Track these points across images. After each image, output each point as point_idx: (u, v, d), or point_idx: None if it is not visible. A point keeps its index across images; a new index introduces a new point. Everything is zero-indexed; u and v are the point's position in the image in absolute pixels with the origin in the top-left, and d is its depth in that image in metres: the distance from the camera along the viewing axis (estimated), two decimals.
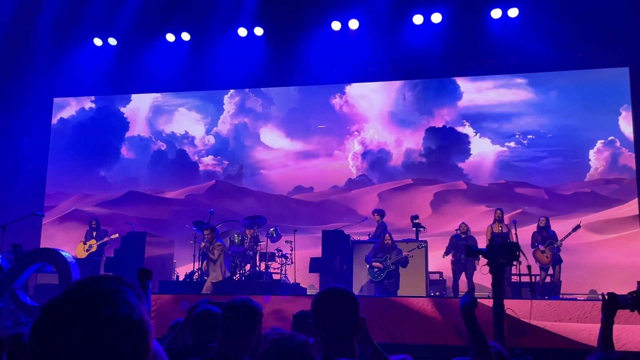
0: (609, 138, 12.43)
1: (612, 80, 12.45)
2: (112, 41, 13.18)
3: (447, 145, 13.39)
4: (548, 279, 10.37)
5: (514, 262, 8.15)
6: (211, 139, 14.56)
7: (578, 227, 10.34)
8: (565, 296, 10.24)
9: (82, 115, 15.15)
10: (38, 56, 12.97)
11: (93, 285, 1.13)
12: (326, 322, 2.37)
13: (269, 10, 12.25)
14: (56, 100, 15.11)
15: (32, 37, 12.54)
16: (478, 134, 13.21)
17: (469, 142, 13.23)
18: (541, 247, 10.36)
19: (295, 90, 14.31)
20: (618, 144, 12.36)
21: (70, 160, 14.84)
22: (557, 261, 10.32)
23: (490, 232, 10.58)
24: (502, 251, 3.24)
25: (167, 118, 14.83)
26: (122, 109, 15.03)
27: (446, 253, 10.77)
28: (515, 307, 7.45)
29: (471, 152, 13.20)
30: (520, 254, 8.50)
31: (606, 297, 3.34)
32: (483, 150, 13.12)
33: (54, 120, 15.06)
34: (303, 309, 5.40)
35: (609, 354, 2.90)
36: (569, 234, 10.30)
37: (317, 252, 11.25)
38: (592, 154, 12.50)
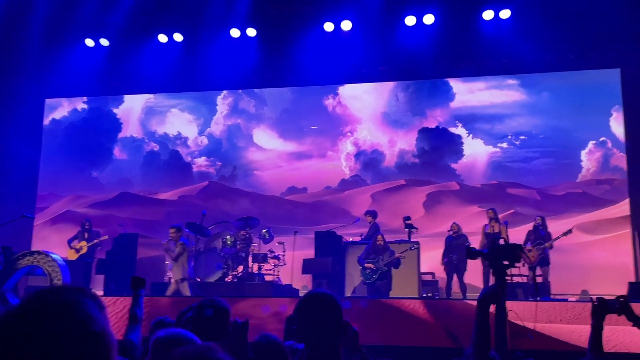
0: (601, 139, 12.48)
1: (603, 82, 12.50)
2: (104, 42, 13.13)
3: (440, 146, 13.41)
4: (539, 279, 10.39)
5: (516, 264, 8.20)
6: (204, 140, 14.54)
7: (569, 231, 10.32)
8: (556, 297, 10.28)
9: (74, 116, 15.10)
10: (29, 57, 12.91)
11: (51, 297, 1.11)
12: (308, 327, 2.37)
13: (262, 11, 12.24)
14: (48, 101, 15.05)
15: (23, 37, 12.48)
16: (470, 135, 13.24)
17: (461, 143, 13.25)
18: (528, 246, 10.39)
19: (289, 91, 14.30)
20: (609, 144, 12.42)
21: (62, 161, 14.78)
22: (543, 261, 10.31)
23: (484, 232, 10.60)
24: (505, 252, 3.21)
25: (159, 119, 14.80)
26: (115, 110, 14.99)
27: (444, 255, 10.73)
28: (514, 309, 7.46)
29: (464, 153, 13.22)
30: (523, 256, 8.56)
31: (595, 302, 3.36)
32: (475, 151, 13.15)
33: (46, 121, 15.00)
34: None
35: (599, 357, 2.93)
36: (559, 237, 10.30)
37: (310, 253, 11.25)
38: (583, 154, 12.55)
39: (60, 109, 15.13)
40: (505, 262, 3.05)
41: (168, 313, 8.09)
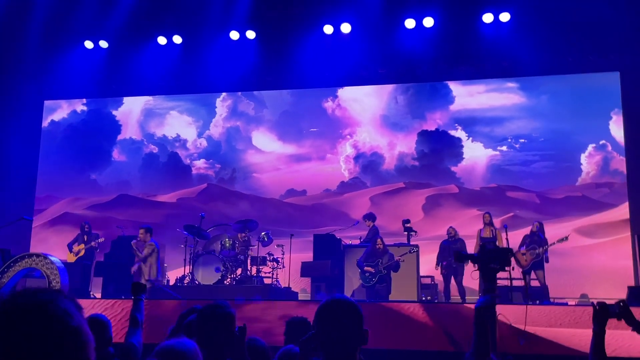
0: (601, 142, 12.46)
1: (602, 85, 12.50)
2: (103, 44, 13.12)
3: (440, 149, 13.40)
4: (537, 283, 10.37)
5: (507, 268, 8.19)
6: (203, 142, 14.52)
7: (565, 238, 10.27)
8: (556, 300, 10.25)
9: (73, 118, 15.08)
10: (28, 58, 12.90)
11: (28, 296, 1.14)
12: (330, 333, 2.29)
13: (261, 14, 12.24)
14: (48, 102, 15.03)
15: (22, 39, 12.47)
16: (470, 138, 13.23)
17: (461, 146, 13.24)
18: (522, 250, 10.36)
19: (288, 94, 14.29)
20: (609, 148, 12.41)
21: (61, 163, 14.75)
22: (537, 265, 10.27)
23: (479, 236, 10.58)
24: (494, 256, 3.20)
25: (158, 121, 14.78)
26: (114, 112, 14.96)
27: (438, 262, 10.68)
28: (507, 312, 7.44)
29: (464, 156, 13.21)
30: (513, 260, 8.54)
31: (597, 306, 3.32)
32: (475, 154, 13.14)
33: (45, 123, 14.98)
34: (296, 315, 5.39)
35: None
36: (554, 243, 10.26)
37: (309, 256, 11.23)
38: (583, 158, 12.54)
39: (60, 111, 15.11)
40: (495, 266, 3.04)
41: (168, 315, 8.06)
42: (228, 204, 13.92)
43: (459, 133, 13.29)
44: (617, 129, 12.36)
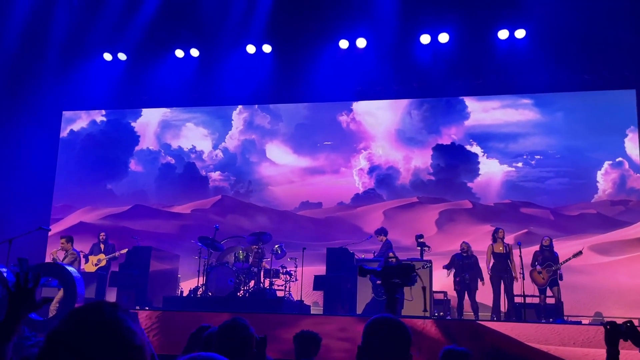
0: (617, 159, 12.41)
1: (618, 102, 12.46)
2: (122, 56, 13.32)
3: (456, 164, 13.40)
4: (551, 300, 10.31)
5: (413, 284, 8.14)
6: (219, 154, 14.64)
7: (580, 253, 10.27)
8: (569, 318, 10.18)
9: (92, 128, 15.28)
10: (48, 70, 13.11)
11: (94, 313, 1.18)
12: (378, 352, 2.28)
13: (278, 28, 12.36)
14: (67, 113, 15.25)
15: (42, 50, 12.69)
16: (485, 154, 13.23)
17: (478, 162, 13.23)
18: (538, 268, 10.32)
19: (304, 107, 14.38)
20: (627, 165, 12.34)
21: (78, 173, 14.94)
22: (553, 282, 10.24)
23: (491, 251, 10.55)
24: (397, 272, 3.27)
25: (175, 133, 14.94)
26: (133, 123, 15.14)
27: (446, 267, 10.78)
28: (525, 332, 7.42)
29: (480, 172, 13.20)
30: (418, 277, 8.48)
31: (607, 326, 3.31)
32: (491, 170, 13.13)
33: (65, 133, 15.19)
34: (303, 329, 5.43)
35: None
36: (569, 259, 10.24)
37: (322, 269, 11.25)
38: (599, 175, 12.48)
39: (79, 121, 15.32)
40: (397, 281, 3.11)
41: (180, 327, 8.11)
42: (242, 216, 14.00)
43: (474, 148, 13.30)
44: (632, 146, 12.30)
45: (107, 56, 13.35)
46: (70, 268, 8.35)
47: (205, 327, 4.01)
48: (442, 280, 11.02)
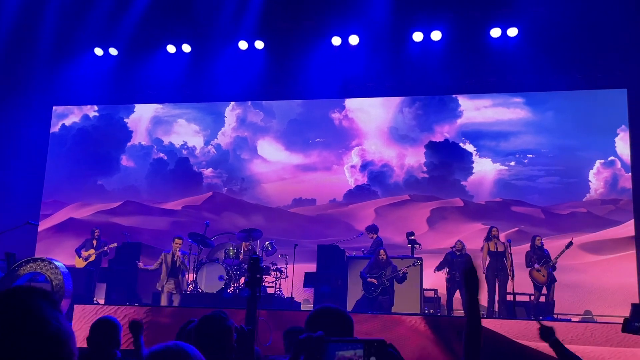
0: (609, 158, 12.45)
1: (609, 102, 12.50)
2: (113, 51, 13.23)
3: (450, 162, 13.41)
4: (542, 299, 10.34)
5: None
6: (211, 151, 14.58)
7: (570, 244, 10.36)
8: (559, 316, 10.21)
9: (84, 123, 15.18)
10: (38, 64, 13.02)
11: (5, 299, 1.14)
12: None
13: (270, 24, 12.32)
14: (60, 108, 15.15)
15: (32, 45, 12.60)
16: (476, 151, 13.25)
17: (472, 160, 13.24)
18: (537, 266, 10.35)
19: (296, 104, 14.34)
20: (619, 165, 12.39)
21: (68, 168, 14.85)
22: (552, 280, 10.33)
23: (487, 250, 10.56)
24: (261, 270, 3.55)
25: (167, 129, 14.87)
26: (125, 119, 15.06)
27: (438, 268, 10.73)
28: (510, 327, 7.43)
29: (473, 171, 13.21)
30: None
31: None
32: (484, 168, 13.15)
33: (56, 128, 15.09)
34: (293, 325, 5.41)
35: None
36: (563, 251, 10.31)
37: (313, 266, 11.23)
38: (592, 174, 12.52)
39: (72, 116, 15.21)
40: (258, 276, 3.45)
41: (168, 324, 8.07)
42: (233, 213, 13.96)
43: (467, 146, 13.32)
44: (623, 145, 12.34)
45: (98, 51, 13.26)
46: (57, 263, 8.28)
47: (193, 321, 3.98)
48: (433, 278, 11.02)
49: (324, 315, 2.42)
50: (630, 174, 12.16)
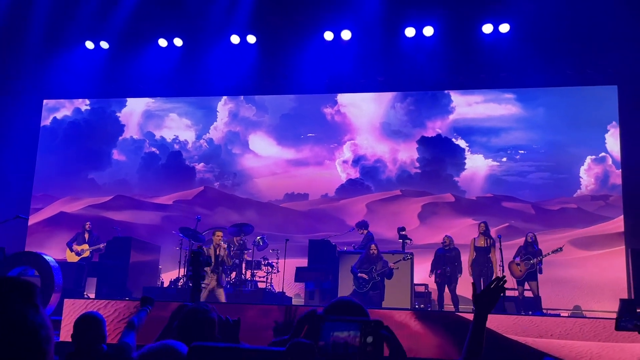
0: (600, 154, 12.52)
1: (600, 98, 12.56)
2: (104, 44, 13.15)
3: (442, 157, 13.43)
4: (530, 294, 10.39)
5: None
6: (203, 145, 14.54)
7: (560, 249, 10.37)
8: (548, 311, 10.27)
9: (76, 116, 15.08)
10: (28, 58, 12.92)
11: None
12: None
13: (262, 19, 12.28)
14: (51, 102, 15.05)
15: (22, 38, 12.50)
16: (468, 147, 13.28)
17: (464, 156, 13.28)
18: (517, 260, 10.41)
19: (289, 99, 14.30)
20: (610, 161, 12.45)
21: (59, 162, 14.75)
22: (531, 276, 10.32)
23: (474, 245, 10.60)
24: (204, 260, 3.64)
25: (159, 123, 14.81)
26: (117, 113, 14.98)
27: (432, 270, 10.69)
28: (497, 322, 7.46)
29: (466, 166, 13.24)
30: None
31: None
32: (476, 164, 13.19)
33: (47, 121, 14.99)
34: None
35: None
36: (548, 253, 10.32)
37: (304, 261, 11.24)
38: (582, 171, 12.58)
39: (63, 110, 15.11)
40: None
41: (160, 317, 8.06)
42: (225, 208, 13.94)
43: (459, 142, 13.35)
44: (614, 142, 12.41)
45: (89, 44, 13.17)
46: (47, 257, 8.25)
47: (185, 305, 3.99)
48: (423, 273, 11.06)
49: (340, 308, 2.42)
50: (619, 170, 12.23)
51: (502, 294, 2.72)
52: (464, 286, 10.48)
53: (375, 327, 1.91)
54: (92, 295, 10.80)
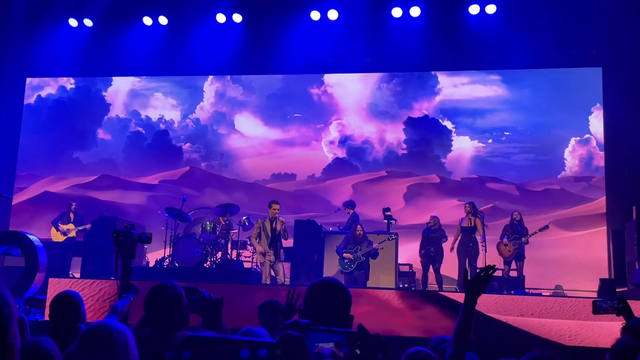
0: (585, 136, 12.62)
1: (584, 80, 12.63)
2: (88, 22, 12.98)
3: (429, 139, 13.46)
4: (514, 274, 10.53)
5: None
6: (189, 125, 14.47)
7: (546, 227, 10.49)
8: (530, 291, 10.42)
9: (60, 95, 14.92)
10: (10, 35, 12.73)
11: None
12: (315, 312, 2.30)
13: None
14: (34, 80, 14.85)
15: (4, 15, 12.30)
16: (454, 128, 13.33)
17: (451, 137, 13.32)
18: (505, 240, 10.52)
19: (276, 79, 14.22)
20: (594, 143, 12.56)
21: (43, 141, 14.62)
22: (519, 256, 10.46)
23: (460, 225, 10.69)
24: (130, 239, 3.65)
25: (144, 102, 14.69)
26: (103, 92, 14.83)
27: (421, 247, 10.78)
28: (489, 302, 7.57)
29: (452, 148, 13.29)
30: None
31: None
32: (462, 145, 13.25)
33: (32, 99, 14.82)
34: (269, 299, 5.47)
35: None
36: (535, 232, 10.45)
37: (290, 241, 11.27)
38: (567, 152, 12.68)
39: (47, 88, 14.93)
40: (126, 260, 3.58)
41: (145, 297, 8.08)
42: (210, 188, 13.92)
43: (445, 123, 13.39)
44: (597, 123, 12.51)
45: (73, 22, 13.00)
46: (32, 237, 8.22)
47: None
48: (408, 253, 11.16)
49: (323, 288, 2.41)
50: (602, 151, 12.36)
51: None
52: (450, 266, 10.60)
53: (364, 338, 1.84)
54: (78, 275, 10.79)
